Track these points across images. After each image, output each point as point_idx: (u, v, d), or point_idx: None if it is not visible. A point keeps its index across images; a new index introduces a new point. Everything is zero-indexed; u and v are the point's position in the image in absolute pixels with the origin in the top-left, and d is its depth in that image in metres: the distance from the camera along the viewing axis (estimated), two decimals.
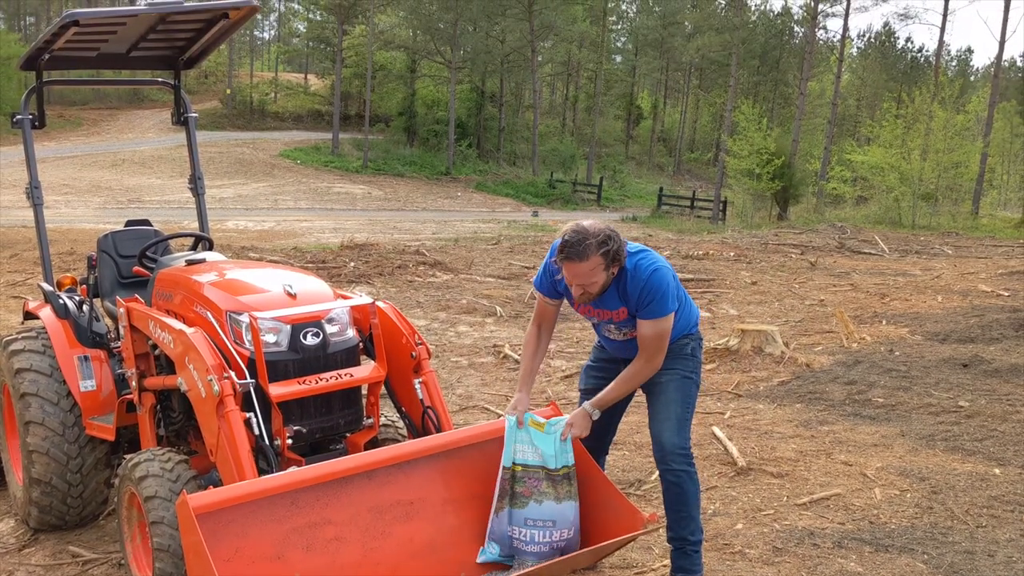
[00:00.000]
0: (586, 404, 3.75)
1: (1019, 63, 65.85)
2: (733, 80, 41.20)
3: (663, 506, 3.83)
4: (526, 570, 3.43)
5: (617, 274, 3.61)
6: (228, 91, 49.79)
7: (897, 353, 8.46)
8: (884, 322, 10.23)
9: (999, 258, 16.69)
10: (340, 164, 40.58)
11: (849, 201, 33.80)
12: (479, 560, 3.65)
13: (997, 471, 5.43)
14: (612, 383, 3.75)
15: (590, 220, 3.62)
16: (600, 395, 3.77)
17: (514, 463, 3.68)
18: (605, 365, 3.99)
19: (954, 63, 71.75)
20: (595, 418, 3.73)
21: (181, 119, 5.54)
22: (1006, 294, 12.05)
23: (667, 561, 4.00)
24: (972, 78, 68.25)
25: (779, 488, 5.16)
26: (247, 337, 3.64)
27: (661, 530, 4.41)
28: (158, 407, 4.20)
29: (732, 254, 16.19)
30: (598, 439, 3.96)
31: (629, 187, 47.18)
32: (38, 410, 4.36)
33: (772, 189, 32.65)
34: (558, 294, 3.84)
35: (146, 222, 5.36)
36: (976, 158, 30.88)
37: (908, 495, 5.06)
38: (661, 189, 40.55)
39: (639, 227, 29.05)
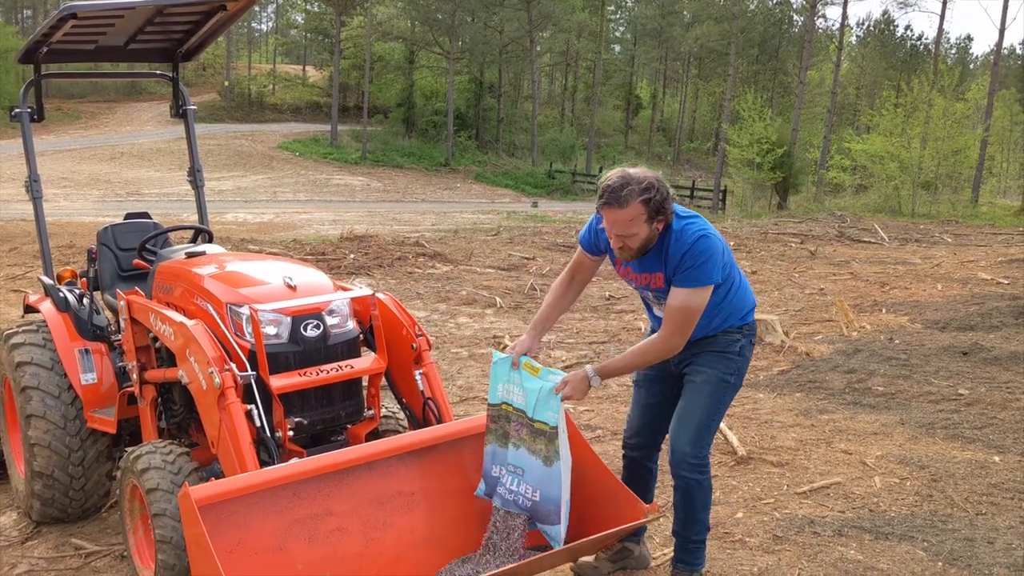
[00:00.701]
0: (588, 368, 3.51)
1: (1019, 51, 65.80)
2: (732, 69, 41.16)
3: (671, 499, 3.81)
4: (530, 559, 3.44)
5: (662, 233, 3.40)
6: (226, 83, 49.73)
7: (897, 341, 8.47)
8: (884, 310, 10.24)
9: (999, 246, 16.70)
10: (339, 156, 40.54)
11: (849, 190, 33.77)
12: (475, 493, 3.66)
13: (997, 459, 5.44)
14: (624, 353, 3.59)
15: (638, 168, 3.37)
16: (606, 363, 3.58)
17: (502, 403, 3.58)
18: None
19: (953, 51, 71.66)
20: (594, 385, 3.49)
21: (179, 112, 5.53)
22: (1006, 282, 12.06)
23: (668, 550, 4.01)
24: (972, 66, 68.18)
25: (779, 477, 5.18)
26: (248, 329, 3.64)
27: (662, 520, 4.42)
28: (159, 400, 4.21)
29: (732, 243, 16.18)
30: (650, 436, 3.86)
31: None
32: (39, 403, 4.36)
33: (773, 179, 32.62)
34: (599, 250, 3.64)
35: (145, 215, 5.36)
36: (976, 146, 30.85)
37: (908, 483, 5.07)
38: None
39: None
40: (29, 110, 5.03)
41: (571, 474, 3.52)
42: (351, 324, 3.94)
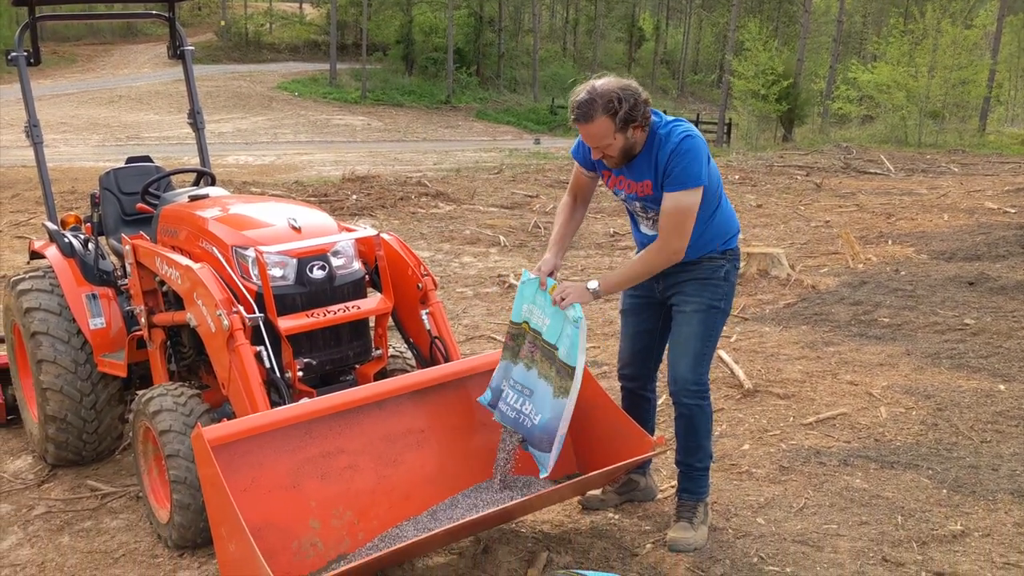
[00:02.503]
0: (591, 281, 3.50)
1: None
2: None
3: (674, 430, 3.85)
4: (539, 493, 3.48)
5: (650, 140, 3.41)
6: (222, 23, 48.98)
7: (903, 273, 8.46)
8: (890, 242, 10.20)
9: (1006, 175, 16.56)
10: (338, 95, 40.10)
11: (855, 121, 33.37)
12: (478, 399, 3.70)
13: (1002, 387, 5.47)
14: (625, 264, 3.54)
15: (607, 77, 3.38)
16: (608, 275, 3.57)
17: (523, 321, 3.59)
18: (641, 282, 3.78)
19: None
20: (597, 296, 3.47)
21: (177, 53, 5.46)
22: (1012, 211, 11.99)
23: (674, 482, 4.06)
24: None
25: (785, 409, 5.22)
26: (254, 271, 3.64)
27: (669, 453, 4.48)
28: (168, 343, 4.23)
29: (737, 177, 16.08)
30: (641, 364, 3.90)
31: None
32: (49, 348, 4.39)
33: (779, 111, 32.22)
34: (591, 164, 3.65)
35: (147, 158, 5.33)
36: (984, 74, 30.37)
37: (913, 413, 5.11)
38: (664, 112, 40.01)
39: None
40: (25, 54, 4.97)
41: (577, 410, 3.54)
42: (356, 265, 3.94)
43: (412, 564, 3.54)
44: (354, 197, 13.22)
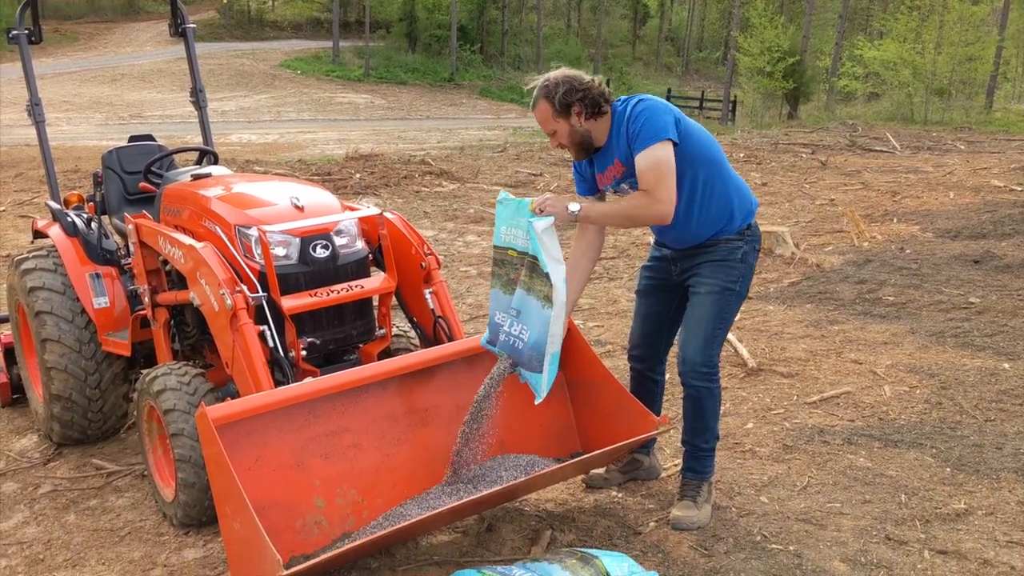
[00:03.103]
0: (573, 203, 3.42)
1: None
2: None
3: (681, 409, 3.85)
4: (543, 471, 3.49)
5: (613, 124, 3.44)
6: (224, 0, 48.69)
7: (908, 251, 8.44)
8: (895, 220, 10.17)
9: (1012, 152, 16.47)
10: (341, 73, 39.91)
11: (860, 98, 33.16)
12: (479, 343, 3.64)
13: (1007, 366, 5.47)
14: (612, 203, 3.52)
15: (563, 68, 3.48)
16: (592, 205, 3.53)
17: (507, 247, 3.49)
18: (657, 264, 3.80)
19: None
20: (575, 218, 3.40)
21: (179, 30, 5.43)
22: (1019, 189, 11.93)
23: (678, 461, 4.07)
24: None
25: (789, 388, 5.22)
26: (257, 251, 3.64)
27: (673, 432, 4.48)
28: (172, 322, 4.24)
29: (742, 155, 16.01)
30: (651, 347, 3.89)
31: (636, 89, 46.30)
32: (53, 328, 4.40)
33: (784, 88, 32.00)
34: (586, 189, 3.67)
35: (149, 137, 5.31)
36: (991, 51, 30.13)
37: (917, 391, 5.10)
38: (669, 90, 39.81)
39: None
40: (26, 32, 4.95)
41: (581, 388, 3.51)
42: (360, 244, 3.93)
43: (416, 542, 3.56)
44: (357, 176, 13.18)
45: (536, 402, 3.46)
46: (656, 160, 3.31)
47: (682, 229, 3.57)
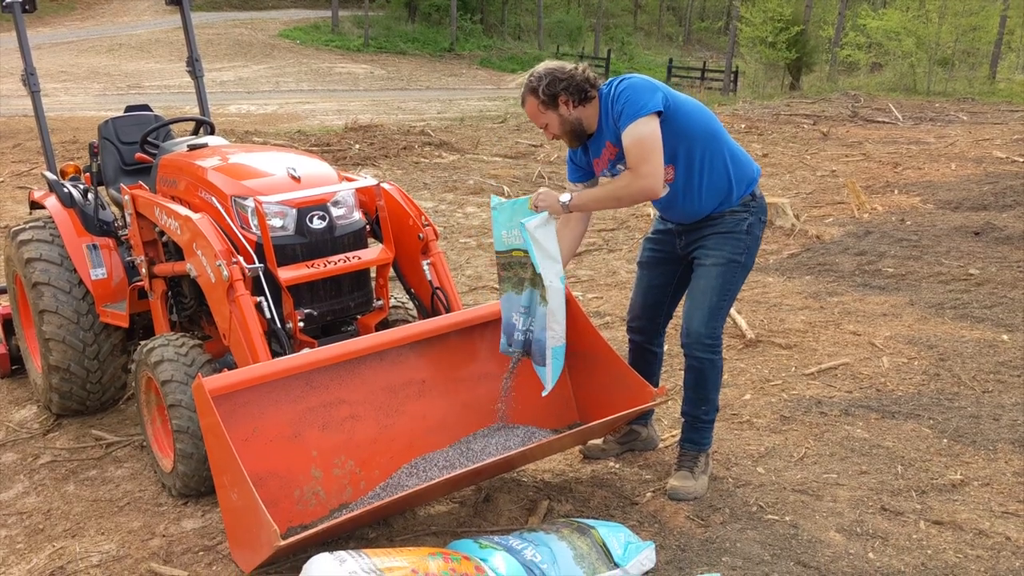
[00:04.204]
0: (564, 194, 3.48)
1: None
2: None
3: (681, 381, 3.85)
4: (540, 442, 3.50)
5: (601, 108, 3.45)
6: None
7: (908, 223, 8.42)
8: (896, 192, 10.13)
9: (1015, 123, 16.38)
10: (341, 43, 39.62)
11: (863, 69, 32.91)
12: (500, 350, 3.69)
13: (1005, 337, 5.46)
14: (599, 187, 3.54)
15: (546, 62, 3.52)
16: (581, 193, 3.51)
17: (511, 249, 3.56)
18: (661, 237, 3.79)
19: None
20: (567, 209, 3.44)
21: None
22: (1021, 160, 11.88)
23: (676, 432, 4.08)
24: None
25: (787, 359, 5.22)
26: (253, 222, 3.62)
27: (671, 403, 4.49)
28: (169, 293, 4.23)
29: (743, 126, 15.92)
30: (651, 319, 3.89)
31: (638, 59, 46.04)
32: (51, 299, 4.39)
33: (787, 58, 31.76)
34: (578, 175, 3.69)
35: (146, 107, 5.28)
36: (995, 20, 29.87)
37: (916, 363, 5.11)
38: (671, 61, 39.52)
39: None
40: (20, 0, 4.90)
41: (578, 359, 3.52)
42: (357, 215, 3.91)
43: (414, 512, 3.58)
44: (357, 147, 13.13)
45: (543, 394, 3.54)
46: (639, 136, 3.29)
47: (683, 204, 3.56)
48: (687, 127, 3.43)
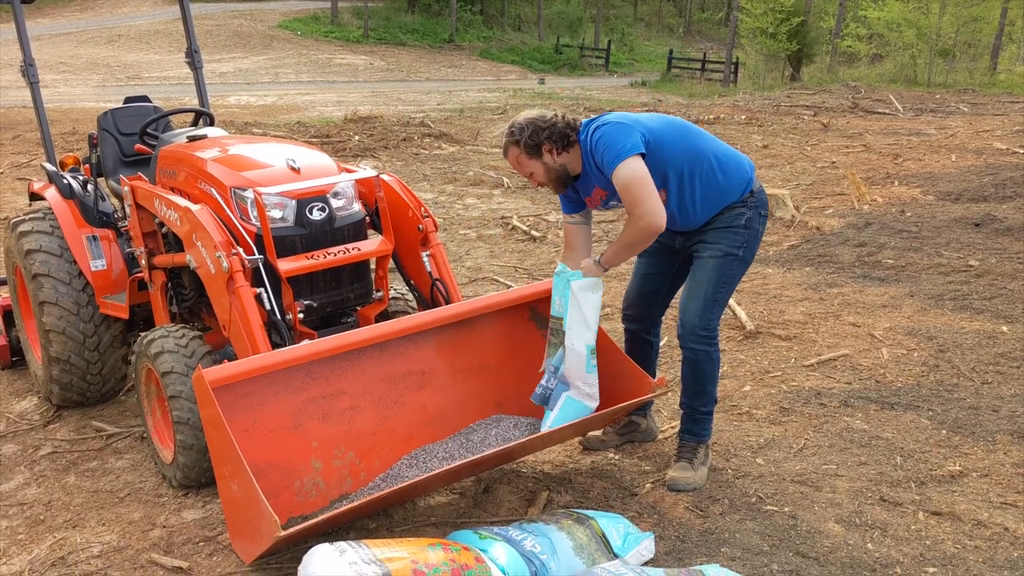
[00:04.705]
0: (595, 255, 3.62)
1: None
2: None
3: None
4: (540, 434, 3.50)
5: (581, 149, 3.50)
6: None
7: (908, 214, 8.41)
8: (896, 183, 10.12)
9: (1016, 115, 16.36)
10: (340, 34, 39.52)
11: (864, 60, 32.86)
12: (530, 398, 3.73)
13: (1005, 328, 5.47)
14: (616, 240, 3.57)
15: (526, 112, 3.59)
16: (607, 254, 3.58)
17: (559, 316, 3.65)
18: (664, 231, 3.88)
19: None
20: (603, 268, 3.56)
21: None
22: (1021, 151, 11.86)
23: (676, 423, 4.08)
24: None
25: (787, 350, 5.22)
26: (253, 213, 3.62)
27: (670, 394, 4.49)
28: (169, 284, 4.23)
29: (743, 117, 15.91)
30: (646, 307, 3.91)
31: (638, 50, 45.94)
32: (51, 290, 4.39)
33: (788, 50, 31.69)
34: (571, 207, 3.72)
35: (145, 98, 5.27)
36: (996, 11, 29.80)
37: (915, 354, 5.11)
38: (671, 52, 39.46)
39: (648, 92, 28.46)
40: None
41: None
42: (356, 206, 3.91)
43: (414, 503, 3.59)
44: (356, 138, 13.11)
45: (540, 431, 3.58)
46: (625, 181, 3.34)
47: (681, 220, 3.60)
48: (669, 154, 3.46)
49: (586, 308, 3.54)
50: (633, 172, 3.33)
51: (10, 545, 3.48)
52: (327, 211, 3.74)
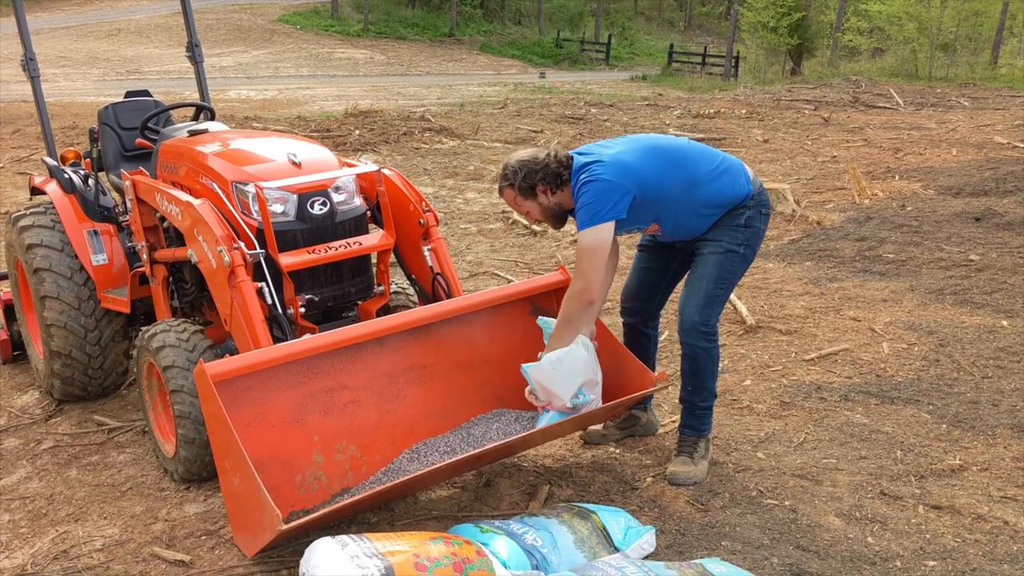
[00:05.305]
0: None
1: None
2: None
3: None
4: (542, 427, 3.51)
5: (572, 192, 3.51)
6: None
7: (909, 208, 8.41)
8: (897, 177, 10.11)
9: (1017, 109, 16.33)
10: (340, 28, 39.47)
11: (864, 54, 32.83)
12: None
13: (1005, 323, 5.47)
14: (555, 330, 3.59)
15: (517, 153, 3.61)
16: (553, 347, 3.54)
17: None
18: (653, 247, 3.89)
19: None
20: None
21: None
22: (1022, 146, 11.85)
23: (675, 417, 4.09)
24: None
25: (787, 345, 5.23)
26: (254, 207, 3.62)
27: (671, 388, 4.50)
28: (171, 279, 4.23)
29: (744, 111, 15.89)
30: (645, 300, 3.92)
31: (638, 44, 45.89)
32: (52, 285, 4.40)
33: (789, 44, 31.65)
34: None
35: (146, 93, 5.27)
36: (997, 5, 29.75)
37: (915, 348, 5.11)
38: (671, 46, 39.42)
39: (648, 86, 28.44)
40: None
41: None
42: (358, 201, 3.91)
43: (415, 497, 3.59)
44: (357, 132, 13.10)
45: (536, 426, 3.56)
46: (584, 248, 3.39)
47: (679, 236, 3.66)
48: (661, 193, 3.47)
49: (556, 383, 3.50)
50: (594, 241, 3.38)
51: (12, 539, 3.49)
52: (328, 205, 3.74)
